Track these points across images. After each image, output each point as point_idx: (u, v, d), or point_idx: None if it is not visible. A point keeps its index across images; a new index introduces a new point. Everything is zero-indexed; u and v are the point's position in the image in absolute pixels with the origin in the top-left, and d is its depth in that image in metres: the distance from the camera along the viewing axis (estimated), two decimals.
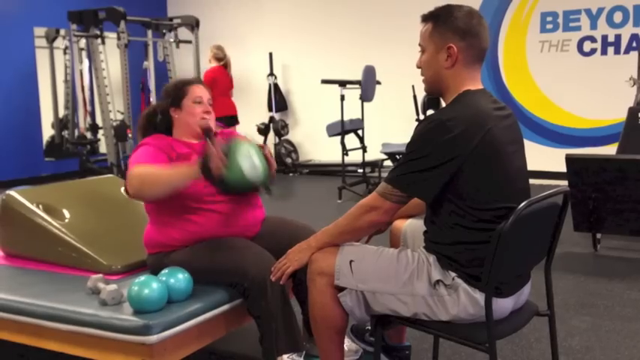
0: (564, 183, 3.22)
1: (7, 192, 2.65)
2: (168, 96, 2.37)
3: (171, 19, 8.04)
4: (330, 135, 6.45)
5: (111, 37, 7.11)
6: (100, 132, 7.71)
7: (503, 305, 1.75)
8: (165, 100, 2.38)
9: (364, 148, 6.41)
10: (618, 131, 5.11)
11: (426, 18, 1.79)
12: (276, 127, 8.17)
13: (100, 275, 2.16)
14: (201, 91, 2.37)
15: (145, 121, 2.42)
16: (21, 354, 2.42)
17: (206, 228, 2.20)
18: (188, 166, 2.04)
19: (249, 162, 1.98)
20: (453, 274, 1.72)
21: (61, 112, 7.92)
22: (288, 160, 8.22)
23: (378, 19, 7.72)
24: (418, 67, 1.84)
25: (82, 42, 7.63)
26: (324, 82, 6.31)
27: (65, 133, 7.92)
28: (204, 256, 2.14)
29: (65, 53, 7.88)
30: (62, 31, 7.68)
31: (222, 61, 6.60)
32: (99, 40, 6.96)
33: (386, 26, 7.63)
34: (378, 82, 6.44)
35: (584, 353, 2.52)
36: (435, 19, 1.77)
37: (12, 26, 7.36)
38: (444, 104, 1.82)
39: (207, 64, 6.68)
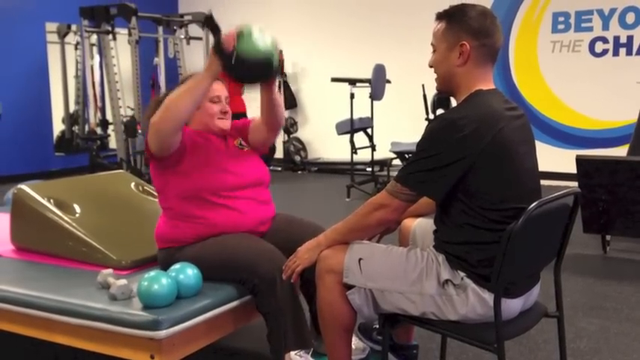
0: (574, 184, 3.21)
1: (19, 186, 2.66)
2: None
3: (182, 16, 8.06)
4: (340, 133, 6.45)
5: (122, 33, 7.13)
6: (110, 127, 7.74)
7: (512, 306, 1.74)
8: None
9: (373, 147, 6.40)
10: (629, 133, 5.08)
11: (439, 16, 1.80)
12: (285, 124, 8.17)
13: (110, 270, 2.16)
14: (219, 89, 2.30)
15: (157, 107, 2.17)
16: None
17: (220, 224, 2.19)
18: (201, 72, 2.07)
19: (260, 34, 2.09)
20: (462, 274, 1.72)
21: (72, 108, 7.97)
22: (297, 158, 8.22)
23: (388, 18, 7.71)
24: (430, 66, 1.84)
25: (94, 38, 7.67)
26: (334, 80, 6.30)
27: (75, 128, 7.96)
28: (216, 252, 2.14)
29: (76, 49, 7.91)
30: (74, 27, 7.72)
31: None
32: (110, 36, 6.99)
33: (397, 25, 7.62)
34: (388, 81, 6.43)
35: (592, 355, 2.52)
36: (449, 17, 1.78)
37: (24, 21, 7.40)
38: (454, 104, 1.82)
39: None
